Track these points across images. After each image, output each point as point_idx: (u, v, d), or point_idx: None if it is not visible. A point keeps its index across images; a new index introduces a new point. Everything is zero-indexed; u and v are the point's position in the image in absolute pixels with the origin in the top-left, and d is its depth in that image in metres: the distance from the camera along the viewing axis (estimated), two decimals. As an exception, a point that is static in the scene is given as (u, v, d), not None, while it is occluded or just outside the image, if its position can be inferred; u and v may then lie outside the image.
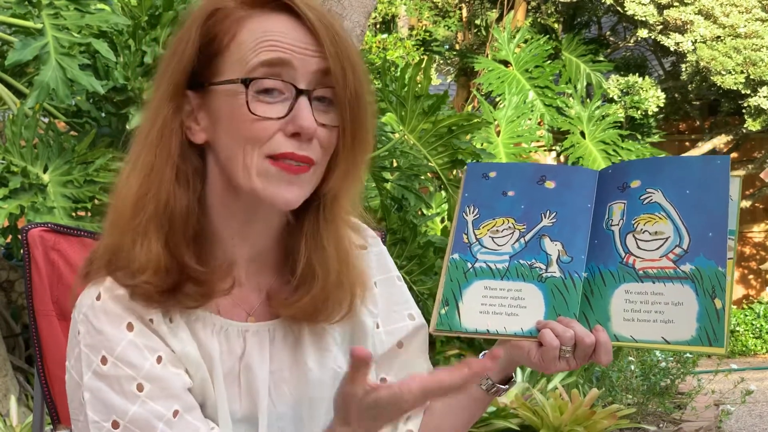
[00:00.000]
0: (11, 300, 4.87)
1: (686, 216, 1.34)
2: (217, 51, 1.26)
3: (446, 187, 4.91)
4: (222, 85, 1.25)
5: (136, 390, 1.24)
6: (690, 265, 1.32)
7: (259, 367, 1.33)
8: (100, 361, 1.24)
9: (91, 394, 1.24)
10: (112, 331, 1.25)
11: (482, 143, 8.42)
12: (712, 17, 9.62)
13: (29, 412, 4.18)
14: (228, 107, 1.24)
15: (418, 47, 11.52)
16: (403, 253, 4.74)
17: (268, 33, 1.24)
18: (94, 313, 1.26)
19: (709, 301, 1.30)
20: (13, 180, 3.81)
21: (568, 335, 1.32)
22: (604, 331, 1.33)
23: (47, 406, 1.60)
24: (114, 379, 1.24)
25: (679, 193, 1.35)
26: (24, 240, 1.61)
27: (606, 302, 1.35)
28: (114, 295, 1.26)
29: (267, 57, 1.23)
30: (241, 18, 1.26)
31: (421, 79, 4.79)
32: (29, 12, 3.98)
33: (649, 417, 5.66)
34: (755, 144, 12.02)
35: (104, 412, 1.23)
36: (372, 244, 1.47)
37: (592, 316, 1.35)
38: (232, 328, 1.33)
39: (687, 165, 1.39)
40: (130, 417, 1.23)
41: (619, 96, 10.11)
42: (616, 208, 1.38)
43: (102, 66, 4.22)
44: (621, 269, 1.35)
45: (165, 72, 1.28)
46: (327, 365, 1.37)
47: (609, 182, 1.40)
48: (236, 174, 1.25)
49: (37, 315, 1.60)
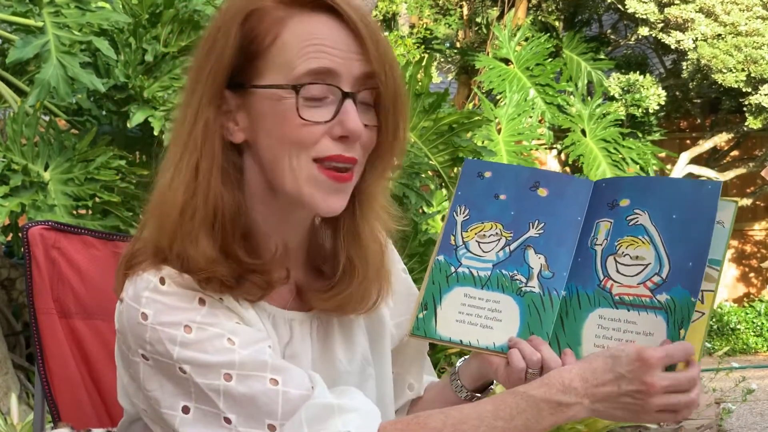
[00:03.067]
0: (12, 298, 4.87)
1: (669, 243, 1.31)
2: (257, 52, 1.25)
3: (447, 185, 4.91)
4: (268, 89, 1.24)
5: (228, 344, 1.23)
6: (666, 294, 1.29)
7: (304, 355, 1.34)
8: (184, 331, 1.23)
9: (191, 364, 1.22)
10: (186, 305, 1.24)
11: (483, 141, 8.42)
12: (713, 15, 9.61)
13: (30, 410, 4.18)
14: (272, 110, 1.24)
15: (419, 45, 11.51)
16: (404, 251, 4.74)
17: (314, 37, 1.24)
18: (162, 294, 1.24)
19: (675, 332, 1.28)
20: (14, 178, 3.81)
21: (535, 358, 1.31)
22: (572, 355, 1.31)
23: (48, 404, 1.60)
24: (206, 340, 1.23)
25: (666, 216, 1.32)
26: (25, 238, 1.61)
27: (579, 326, 1.33)
28: (178, 280, 1.25)
29: (315, 66, 1.23)
30: (281, 18, 1.25)
31: (422, 77, 4.79)
32: (30, 10, 3.98)
33: (649, 415, 5.65)
34: (756, 142, 12.02)
35: (213, 373, 1.22)
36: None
37: (564, 338, 1.33)
38: (279, 316, 1.34)
39: (677, 188, 1.35)
40: (238, 363, 1.22)
41: (620, 94, 10.10)
42: (602, 226, 1.36)
43: (103, 64, 4.23)
44: (598, 293, 1.33)
45: (201, 72, 1.26)
46: (355, 357, 1.39)
47: (601, 197, 1.38)
48: (281, 177, 1.26)
49: (37, 313, 1.60)
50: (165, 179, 1.27)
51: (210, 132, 1.25)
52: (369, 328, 1.43)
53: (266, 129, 1.25)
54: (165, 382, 1.25)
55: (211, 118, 1.25)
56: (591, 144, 9.77)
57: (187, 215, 1.24)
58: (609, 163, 9.73)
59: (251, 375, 1.22)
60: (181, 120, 1.28)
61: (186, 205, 1.24)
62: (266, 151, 1.26)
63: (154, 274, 1.25)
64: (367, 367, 1.39)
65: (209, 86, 1.25)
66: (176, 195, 1.25)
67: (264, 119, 1.25)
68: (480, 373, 1.43)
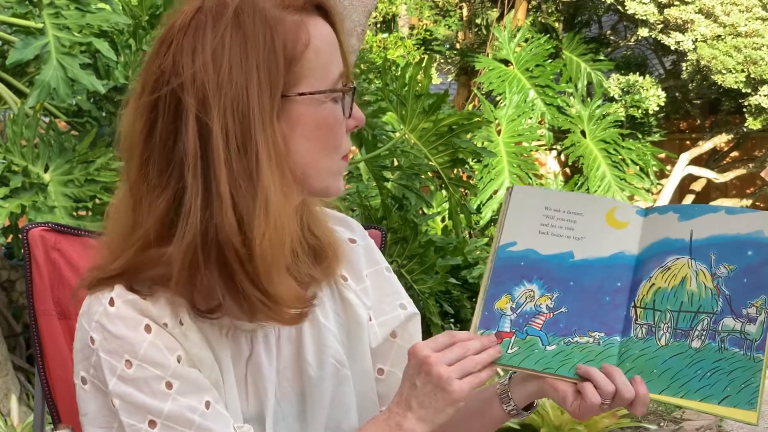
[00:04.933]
0: (12, 299, 4.87)
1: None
2: (292, 59, 1.24)
3: (447, 186, 4.91)
4: (313, 95, 1.25)
5: (165, 388, 1.24)
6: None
7: (267, 368, 1.34)
8: (125, 366, 1.24)
9: (122, 400, 1.24)
10: (131, 334, 1.24)
11: (483, 142, 8.42)
12: (713, 16, 9.61)
13: (30, 412, 4.18)
14: (313, 115, 1.26)
15: (419, 46, 11.51)
16: (404, 252, 4.74)
17: (333, 42, 1.28)
18: (110, 320, 1.25)
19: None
20: (14, 179, 3.81)
21: (609, 389, 1.31)
22: (642, 383, 1.32)
23: (48, 405, 1.60)
24: (142, 380, 1.24)
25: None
26: (25, 239, 1.61)
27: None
28: (127, 299, 1.26)
29: (342, 68, 1.29)
30: (300, 23, 1.25)
31: (422, 78, 4.79)
32: (30, 11, 3.98)
33: (649, 416, 5.66)
34: (756, 143, 12.01)
35: (139, 414, 1.23)
36: (360, 237, 1.49)
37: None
38: (239, 331, 1.33)
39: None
40: (166, 414, 1.23)
41: (620, 95, 10.10)
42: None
43: (103, 65, 4.23)
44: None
45: (249, 91, 1.20)
46: (326, 360, 1.38)
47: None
48: (311, 176, 1.28)
49: (37, 315, 1.60)
50: (262, 206, 1.21)
51: (281, 152, 1.23)
52: (343, 329, 1.42)
53: (305, 134, 1.26)
54: (96, 408, 1.28)
55: (286, 132, 1.24)
56: (591, 145, 9.76)
57: (287, 247, 1.25)
58: (609, 164, 9.73)
59: (174, 429, 1.23)
60: (240, 141, 1.20)
61: (294, 234, 1.26)
62: (302, 156, 1.26)
63: (106, 293, 1.26)
64: (341, 370, 1.39)
65: (268, 101, 1.21)
66: (282, 221, 1.22)
67: (301, 124, 1.25)
68: (538, 395, 1.40)
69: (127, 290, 1.26)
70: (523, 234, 1.39)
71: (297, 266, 1.32)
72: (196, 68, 1.21)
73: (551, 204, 1.40)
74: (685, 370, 1.32)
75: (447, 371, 1.27)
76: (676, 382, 1.32)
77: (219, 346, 1.31)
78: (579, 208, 1.40)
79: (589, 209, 1.40)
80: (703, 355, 1.32)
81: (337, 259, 1.40)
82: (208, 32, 1.22)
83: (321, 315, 1.39)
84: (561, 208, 1.40)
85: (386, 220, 4.70)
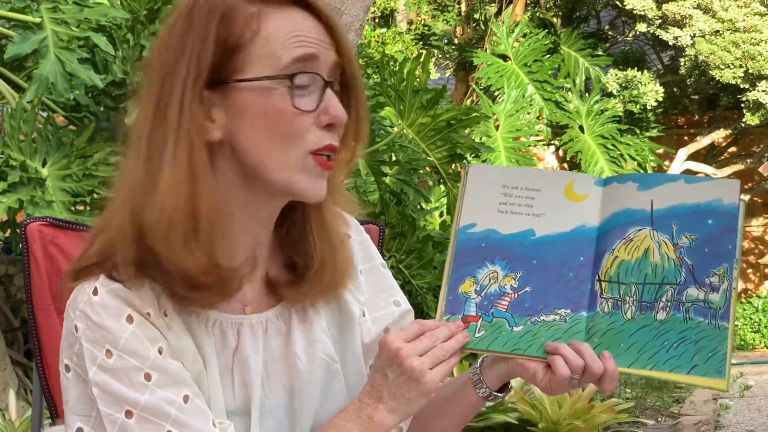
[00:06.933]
0: (10, 294, 4.87)
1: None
2: (236, 47, 1.25)
3: (445, 181, 4.91)
4: (255, 81, 1.24)
5: (144, 380, 1.24)
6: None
7: (254, 360, 1.34)
8: (105, 355, 1.24)
9: (100, 389, 1.24)
10: (112, 324, 1.25)
11: (481, 137, 8.42)
12: (711, 11, 9.62)
13: (28, 407, 4.18)
14: (260, 103, 1.24)
15: (417, 41, 11.51)
16: (402, 247, 4.74)
17: (295, 28, 1.26)
18: (93, 309, 1.25)
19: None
20: (12, 174, 3.80)
21: (579, 364, 1.31)
22: (611, 358, 1.32)
23: (46, 400, 1.60)
24: (121, 371, 1.24)
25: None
26: (23, 234, 1.61)
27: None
28: (110, 289, 1.26)
29: (301, 53, 1.25)
30: (256, 14, 1.25)
31: (420, 73, 4.79)
32: (28, 6, 3.98)
33: (647, 411, 5.67)
34: (754, 138, 12.02)
35: (116, 404, 1.24)
36: (355, 233, 1.49)
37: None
38: (226, 323, 1.33)
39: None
40: (142, 405, 1.23)
41: (618, 90, 10.11)
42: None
43: (101, 60, 4.22)
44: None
45: (175, 74, 1.25)
46: (315, 355, 1.37)
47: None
48: (270, 169, 1.26)
49: (35, 309, 1.60)
50: (163, 185, 1.23)
51: (199, 132, 1.25)
52: (335, 324, 1.42)
53: (252, 123, 1.25)
54: (70, 394, 1.28)
55: (200, 118, 1.25)
56: (589, 140, 9.77)
57: (183, 223, 1.23)
58: (607, 160, 9.74)
59: (151, 420, 1.23)
60: (158, 121, 1.25)
61: (182, 212, 1.23)
62: (251, 144, 1.25)
63: (90, 283, 1.27)
64: (332, 365, 1.39)
65: (190, 86, 1.24)
66: (168, 199, 1.23)
67: (248, 113, 1.25)
68: (509, 375, 1.40)
69: (109, 279, 1.26)
70: (482, 214, 1.38)
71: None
72: (150, 51, 1.30)
73: (509, 182, 1.38)
74: (651, 342, 1.32)
75: (419, 363, 1.28)
76: (644, 355, 1.32)
77: (202, 338, 1.31)
78: (537, 184, 1.38)
79: (547, 184, 1.39)
80: (668, 326, 1.32)
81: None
82: (171, 20, 1.29)
83: (311, 309, 1.39)
84: (519, 185, 1.38)
85: (384, 215, 4.69)
